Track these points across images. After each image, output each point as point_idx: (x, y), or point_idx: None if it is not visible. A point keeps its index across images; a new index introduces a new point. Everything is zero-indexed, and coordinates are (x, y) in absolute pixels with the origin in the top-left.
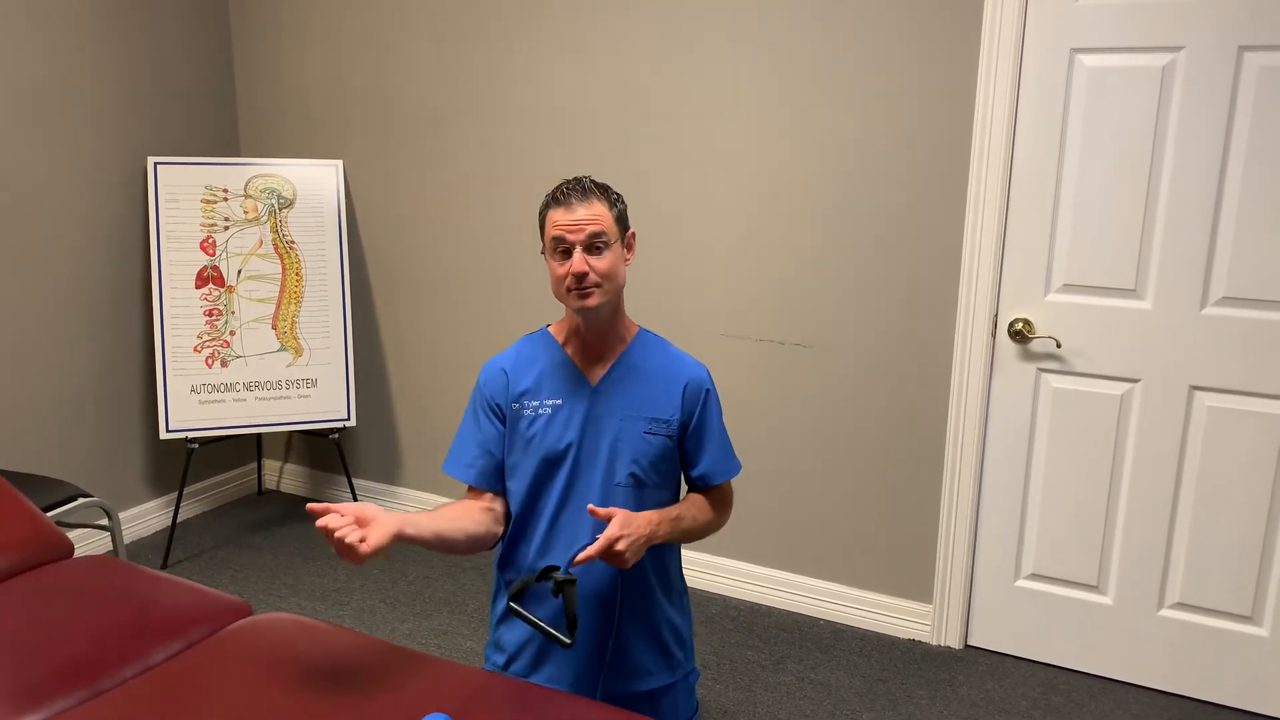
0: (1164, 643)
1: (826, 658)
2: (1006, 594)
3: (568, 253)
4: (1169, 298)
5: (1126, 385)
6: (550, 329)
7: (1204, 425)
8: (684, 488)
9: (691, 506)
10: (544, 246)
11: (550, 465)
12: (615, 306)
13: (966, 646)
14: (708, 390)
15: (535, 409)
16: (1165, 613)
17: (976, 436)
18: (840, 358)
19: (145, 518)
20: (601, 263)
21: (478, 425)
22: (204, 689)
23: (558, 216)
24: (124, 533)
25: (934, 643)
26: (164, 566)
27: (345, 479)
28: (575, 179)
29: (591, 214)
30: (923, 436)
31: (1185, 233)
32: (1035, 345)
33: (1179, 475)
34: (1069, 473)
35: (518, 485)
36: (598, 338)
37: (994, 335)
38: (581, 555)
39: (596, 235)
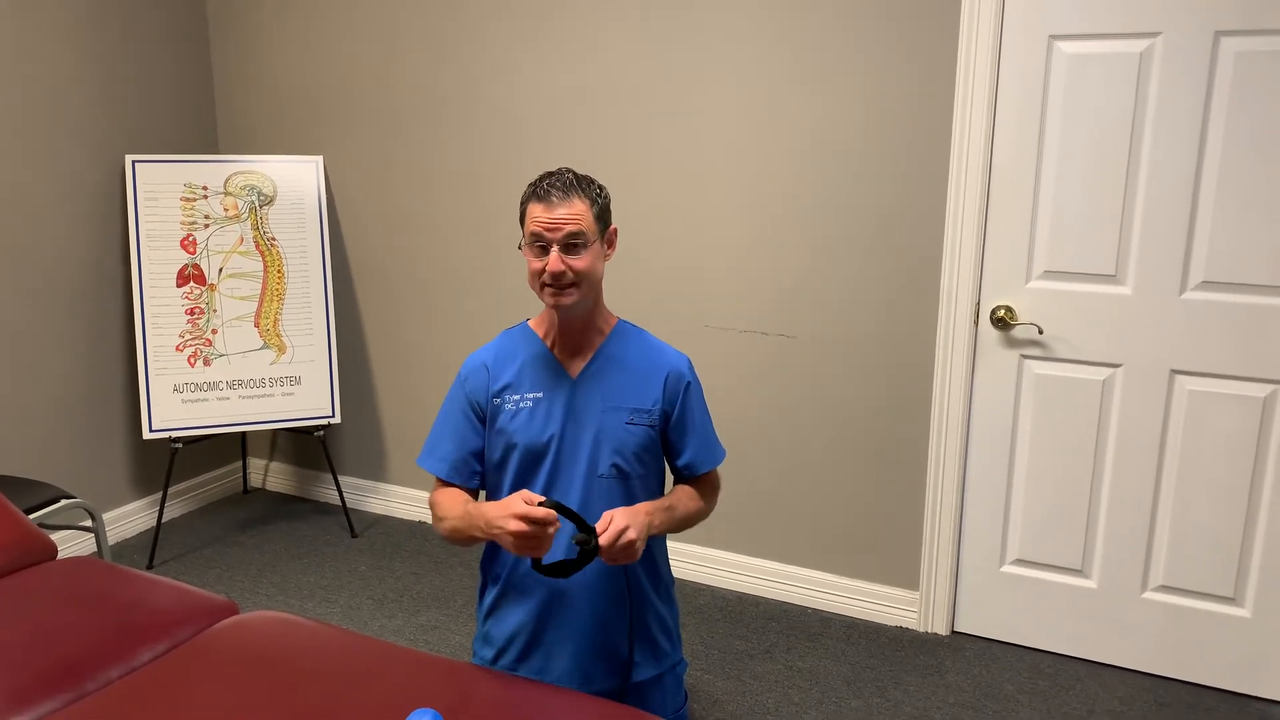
0: (1148, 625)
1: (814, 646)
2: (992, 580)
3: (545, 249)
4: (1149, 283)
5: (1108, 370)
6: (530, 323)
7: (1185, 409)
8: (669, 477)
9: (682, 496)
10: (523, 239)
11: (532, 459)
12: (593, 301)
13: (953, 633)
14: (689, 380)
15: (516, 403)
16: (1149, 595)
17: (960, 423)
18: (824, 347)
19: (130, 518)
20: (578, 262)
21: (455, 420)
22: (191, 689)
23: (537, 212)
24: (108, 534)
25: (921, 629)
26: (149, 567)
27: (331, 476)
28: (557, 173)
29: (571, 212)
30: (907, 424)
31: (1164, 218)
32: (1017, 332)
33: (1161, 459)
34: (1052, 458)
35: (501, 479)
36: (576, 331)
37: (976, 323)
38: (603, 539)
39: (575, 234)
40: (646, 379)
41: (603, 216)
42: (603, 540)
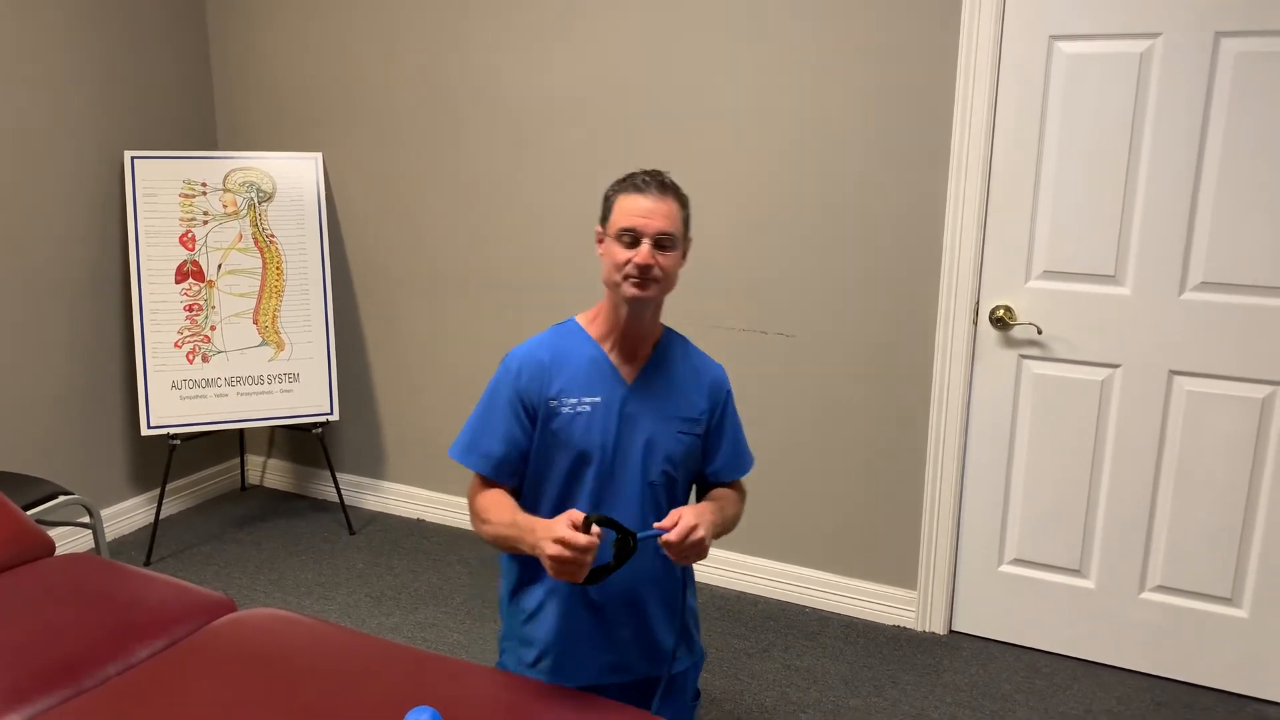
0: (1145, 625)
1: (812, 645)
2: (990, 579)
3: (635, 242)
4: (1148, 283)
5: (1107, 371)
6: (580, 321)
7: (1183, 409)
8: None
9: (727, 501)
10: (605, 230)
11: (585, 462)
12: (658, 306)
13: (951, 632)
14: (728, 389)
15: (574, 406)
16: (1146, 595)
17: (959, 423)
18: (823, 347)
19: (127, 515)
20: (666, 260)
21: (502, 416)
22: (188, 686)
23: (633, 204)
24: (106, 530)
25: (919, 629)
26: (147, 564)
27: (329, 473)
28: (655, 171)
29: (667, 211)
30: (906, 424)
31: (1164, 219)
32: (1016, 332)
33: (1159, 459)
34: (1050, 458)
35: (547, 481)
36: (638, 334)
37: (975, 323)
38: (669, 535)
39: (667, 233)
40: (694, 388)
41: (687, 223)
42: (673, 537)
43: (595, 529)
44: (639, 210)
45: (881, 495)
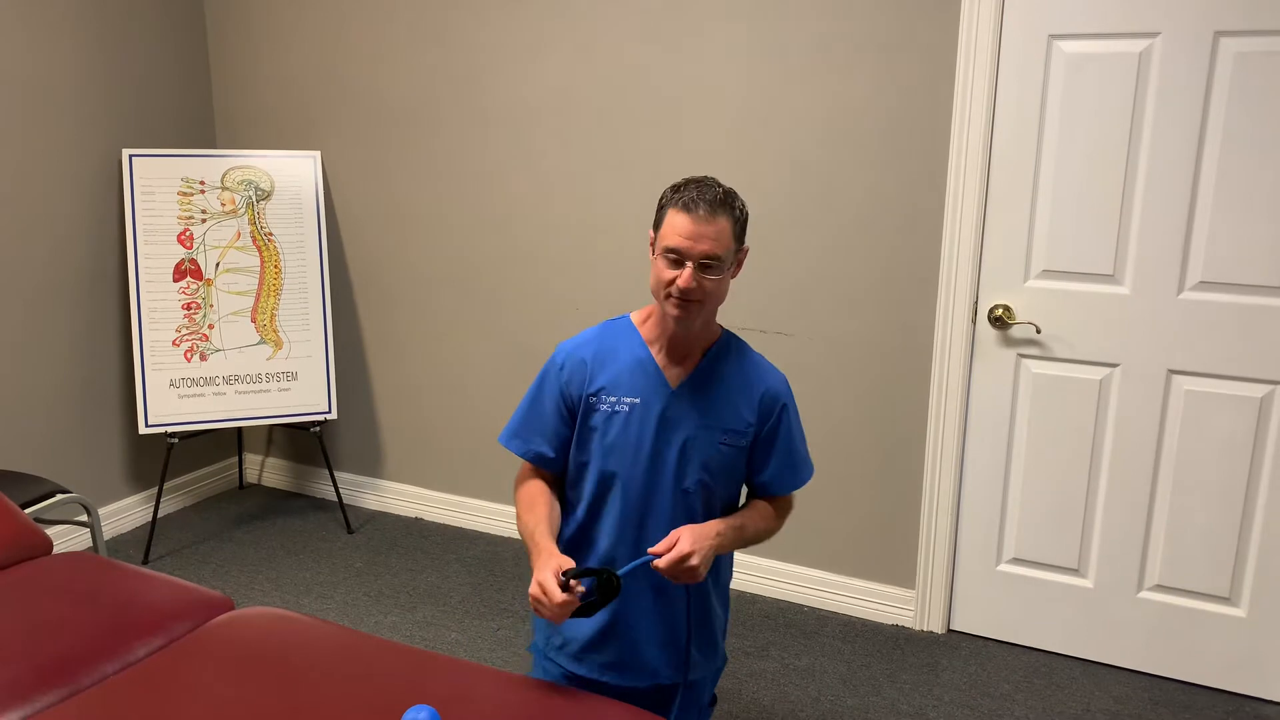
0: (1144, 624)
1: (811, 644)
2: (988, 578)
3: (679, 262)
4: (1147, 283)
5: (1105, 370)
6: (634, 319)
7: (1182, 409)
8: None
9: (754, 515)
10: (654, 239)
11: (620, 464)
12: (712, 312)
13: (949, 631)
14: (784, 402)
15: (612, 405)
16: (1145, 595)
17: (957, 422)
18: (821, 346)
19: (125, 513)
20: (710, 283)
21: (546, 410)
22: (186, 684)
23: (681, 224)
24: (104, 529)
25: (917, 628)
26: (145, 562)
27: (327, 472)
28: (706, 184)
29: (716, 232)
30: (904, 423)
31: (1162, 218)
32: (1015, 331)
33: (1157, 459)
34: (1049, 457)
35: (584, 477)
36: (685, 342)
37: (974, 322)
38: (658, 563)
39: (713, 256)
40: (743, 398)
41: (740, 236)
42: (662, 563)
43: (576, 583)
44: (685, 231)
45: (881, 494)
